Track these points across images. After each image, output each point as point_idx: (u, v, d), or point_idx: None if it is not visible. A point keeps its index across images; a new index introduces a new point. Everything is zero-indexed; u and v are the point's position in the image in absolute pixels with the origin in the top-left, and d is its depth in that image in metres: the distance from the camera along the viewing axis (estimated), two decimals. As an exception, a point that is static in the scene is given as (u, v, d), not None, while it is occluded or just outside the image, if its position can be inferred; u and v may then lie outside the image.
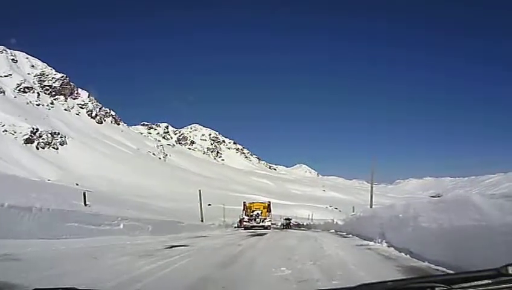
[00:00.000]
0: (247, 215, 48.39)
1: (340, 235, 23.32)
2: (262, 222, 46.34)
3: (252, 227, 44.42)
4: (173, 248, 12.82)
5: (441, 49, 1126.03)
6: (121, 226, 17.06)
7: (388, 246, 12.21)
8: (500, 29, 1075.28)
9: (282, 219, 72.57)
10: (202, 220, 38.61)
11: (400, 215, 11.46)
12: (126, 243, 14.35)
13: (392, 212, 13.05)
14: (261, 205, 52.02)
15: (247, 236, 23.10)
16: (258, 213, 48.11)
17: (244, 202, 53.16)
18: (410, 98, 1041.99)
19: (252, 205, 51.54)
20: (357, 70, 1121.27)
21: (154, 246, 13.57)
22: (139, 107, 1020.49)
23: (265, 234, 27.63)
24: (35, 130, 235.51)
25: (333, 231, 29.64)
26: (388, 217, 13.22)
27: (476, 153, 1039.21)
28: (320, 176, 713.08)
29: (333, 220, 33.51)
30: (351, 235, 20.92)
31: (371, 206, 28.89)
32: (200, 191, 42.01)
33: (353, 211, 36.15)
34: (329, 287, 2.94)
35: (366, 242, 15.09)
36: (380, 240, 13.58)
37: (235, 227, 47.82)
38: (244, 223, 46.78)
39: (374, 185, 31.42)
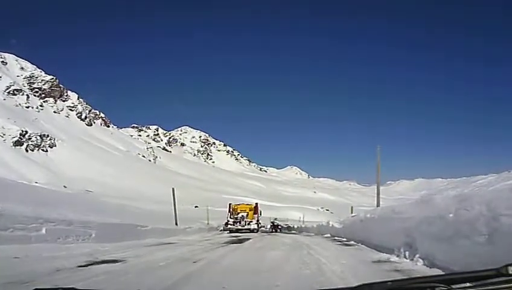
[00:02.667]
0: (232, 218, 45.54)
1: (340, 242, 18.80)
2: (248, 224, 43.81)
3: (237, 230, 41.52)
4: (88, 267, 8.49)
5: (438, 50, 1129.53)
6: (43, 231, 12.47)
7: (428, 266, 7.73)
8: (496, 30, 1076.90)
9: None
10: (176, 223, 34.14)
11: (450, 214, 7.06)
12: (27, 255, 10.06)
13: (428, 211, 8.55)
14: (246, 207, 49.52)
15: (223, 243, 18.76)
16: (243, 215, 45.41)
17: (229, 204, 50.06)
18: (402, 100, 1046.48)
19: (237, 207, 49.00)
20: (349, 72, 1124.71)
21: (64, 262, 9.05)
22: (129, 110, 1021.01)
23: (247, 239, 23.37)
24: (24, 133, 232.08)
25: (328, 235, 25.51)
26: (421, 219, 8.74)
27: (467, 154, 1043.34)
28: (311, 178, 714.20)
29: (328, 223, 28.69)
30: (353, 243, 16.64)
31: (377, 205, 23.73)
32: (173, 189, 37.18)
33: (351, 212, 31.50)
34: (329, 287, 2.87)
35: (384, 256, 10.46)
36: (407, 254, 9.30)
37: (221, 230, 44.83)
38: (229, 226, 43.80)
39: (365, 187, 28.04)
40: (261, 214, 54.38)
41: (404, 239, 9.66)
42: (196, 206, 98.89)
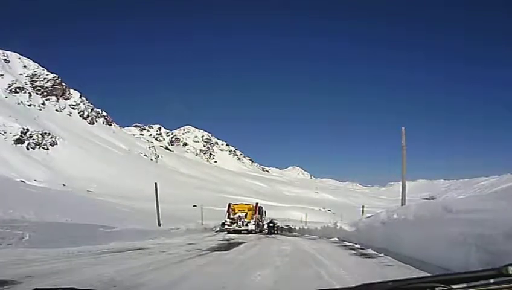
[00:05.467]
0: (229, 218, 43.95)
1: (353, 250, 15.38)
2: (246, 225, 42.25)
3: (234, 231, 40.12)
4: None
5: (438, 51, 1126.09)
6: None
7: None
8: (496, 31, 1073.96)
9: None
10: (160, 224, 31.32)
11: None
12: None
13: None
14: (245, 207, 47.54)
15: (204, 250, 15.64)
16: (240, 216, 43.81)
17: (229, 204, 48.05)
18: (403, 100, 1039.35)
19: (235, 207, 47.05)
20: (351, 73, 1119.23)
21: None
22: (131, 109, 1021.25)
23: (238, 245, 20.28)
24: (25, 131, 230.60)
25: (336, 239, 22.57)
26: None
27: (469, 155, 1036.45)
28: (313, 178, 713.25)
29: (336, 224, 25.28)
30: (372, 252, 13.34)
31: (402, 203, 19.43)
32: (156, 184, 33.69)
33: (363, 212, 29.13)
34: (329, 287, 2.87)
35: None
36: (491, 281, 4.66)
37: (217, 231, 43.57)
38: (226, 226, 42.41)
39: (367, 188, 24.77)
40: (265, 215, 53.11)
41: (479, 255, 6.13)
42: (194, 206, 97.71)
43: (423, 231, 8.98)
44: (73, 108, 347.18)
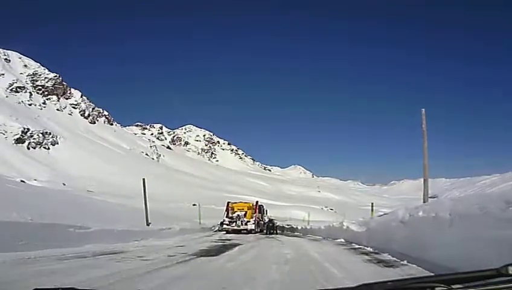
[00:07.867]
0: (228, 217, 42.36)
1: (366, 254, 13.22)
2: (245, 225, 40.68)
3: (233, 231, 38.62)
4: None
5: (438, 50, 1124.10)
6: None
7: None
8: (497, 32, 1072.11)
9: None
10: (148, 223, 28.61)
11: None
12: None
13: None
14: (244, 205, 46.08)
15: (190, 255, 13.29)
16: (239, 215, 42.24)
17: (228, 202, 46.39)
18: (405, 100, 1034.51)
19: (234, 205, 45.59)
20: (353, 73, 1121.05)
21: None
22: (133, 108, 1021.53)
23: (232, 247, 17.99)
24: (26, 130, 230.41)
25: (342, 240, 20.70)
26: None
27: (470, 154, 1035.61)
28: (315, 177, 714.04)
29: (342, 224, 23.01)
30: (391, 258, 11.33)
31: (425, 200, 16.76)
32: (144, 179, 31.20)
33: (372, 211, 26.92)
34: (329, 287, 2.90)
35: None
36: None
37: (215, 231, 42.09)
38: (224, 226, 40.88)
39: (368, 187, 22.23)
40: (266, 213, 51.49)
41: None
42: (195, 204, 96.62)
43: (469, 233, 6.66)
44: (74, 107, 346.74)
